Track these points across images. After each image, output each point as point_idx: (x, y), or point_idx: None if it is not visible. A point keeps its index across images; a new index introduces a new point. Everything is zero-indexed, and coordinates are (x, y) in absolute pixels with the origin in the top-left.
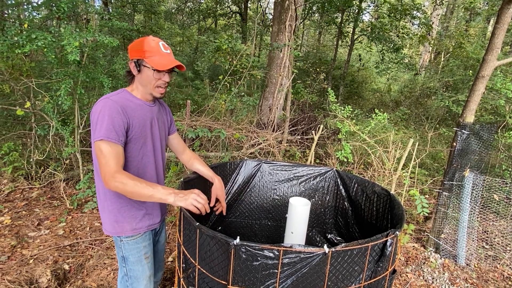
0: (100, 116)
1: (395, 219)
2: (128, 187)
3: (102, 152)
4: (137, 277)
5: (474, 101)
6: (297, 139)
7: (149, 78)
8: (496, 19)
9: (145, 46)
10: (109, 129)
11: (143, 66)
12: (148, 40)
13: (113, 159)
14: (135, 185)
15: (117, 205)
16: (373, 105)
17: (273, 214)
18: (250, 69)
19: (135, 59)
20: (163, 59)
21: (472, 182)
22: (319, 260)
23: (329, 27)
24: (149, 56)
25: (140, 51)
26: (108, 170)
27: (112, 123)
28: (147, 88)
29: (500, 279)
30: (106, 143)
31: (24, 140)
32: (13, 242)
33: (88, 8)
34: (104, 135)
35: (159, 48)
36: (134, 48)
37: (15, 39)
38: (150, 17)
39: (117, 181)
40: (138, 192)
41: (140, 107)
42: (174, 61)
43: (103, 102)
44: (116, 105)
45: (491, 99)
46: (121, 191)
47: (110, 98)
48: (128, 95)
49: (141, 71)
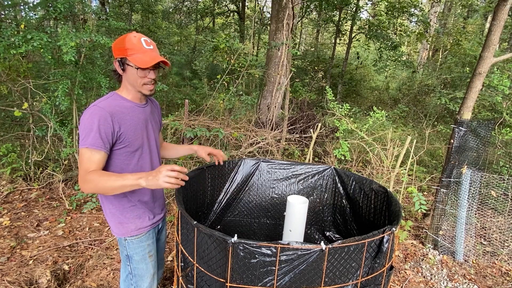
0: (87, 124)
1: (392, 216)
2: (100, 184)
3: (83, 159)
4: (142, 276)
5: (471, 98)
6: (296, 138)
7: (134, 76)
8: (493, 16)
9: (126, 44)
10: (96, 137)
11: (127, 64)
12: (130, 37)
13: (92, 164)
14: (105, 180)
15: (119, 208)
16: (372, 103)
17: (272, 213)
18: (248, 68)
19: (118, 58)
20: (146, 56)
21: (470, 178)
22: (316, 257)
23: (327, 25)
24: (131, 54)
25: (122, 49)
26: (82, 175)
27: (99, 131)
28: (135, 86)
29: (498, 274)
30: (89, 151)
31: (22, 141)
32: (12, 243)
33: (85, 8)
34: (90, 143)
35: (141, 44)
36: (116, 46)
37: (12, 40)
38: (147, 16)
39: (87, 181)
40: (110, 186)
41: (132, 110)
42: (157, 57)
43: (91, 110)
44: (104, 112)
45: (488, 96)
46: (94, 190)
47: (98, 105)
48: (118, 98)
49: (126, 70)
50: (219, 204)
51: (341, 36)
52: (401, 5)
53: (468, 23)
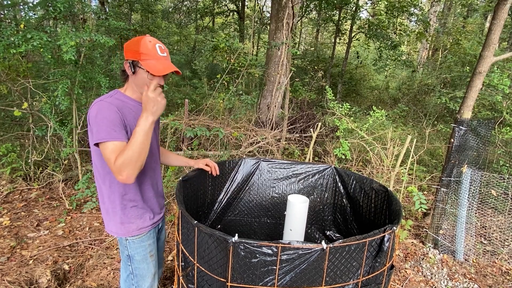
0: (97, 119)
1: (393, 215)
2: (132, 160)
3: (107, 152)
4: (143, 276)
5: (471, 97)
6: (296, 137)
7: (144, 80)
8: (493, 15)
9: (141, 48)
10: (110, 129)
11: (138, 67)
12: (145, 41)
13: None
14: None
15: (121, 207)
16: (372, 102)
17: (272, 212)
18: (248, 68)
19: (130, 60)
20: (159, 64)
21: (470, 178)
22: (317, 256)
23: (327, 25)
24: (145, 59)
25: (136, 53)
26: (113, 168)
27: (112, 122)
28: (141, 89)
29: (498, 273)
30: (110, 143)
31: (22, 141)
32: (12, 243)
33: (85, 8)
34: (106, 136)
35: (155, 51)
36: (129, 48)
37: (12, 40)
38: (147, 16)
39: (121, 170)
40: (138, 150)
41: (135, 109)
42: (171, 67)
43: (98, 105)
44: (112, 106)
45: (488, 95)
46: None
47: (104, 100)
48: (121, 96)
49: (136, 73)
50: (219, 204)
51: (341, 36)
52: (401, 4)
53: (468, 23)
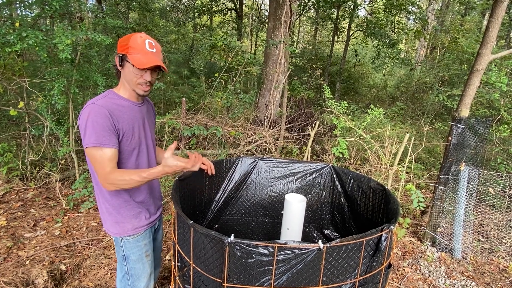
0: (88, 123)
1: (390, 214)
2: (125, 184)
3: (96, 158)
4: (138, 276)
5: (469, 95)
6: (294, 136)
7: (131, 74)
8: (491, 12)
9: (130, 42)
10: (99, 134)
11: (126, 61)
12: (136, 36)
13: (107, 162)
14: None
15: (116, 206)
16: (370, 100)
17: (270, 211)
18: (246, 66)
19: (120, 54)
20: (144, 58)
21: (468, 175)
22: (314, 256)
23: (325, 23)
24: (131, 53)
25: (125, 46)
26: (103, 174)
27: (102, 127)
28: (130, 84)
29: (496, 271)
30: (98, 149)
31: (18, 141)
32: (9, 243)
33: (81, 6)
34: (95, 141)
35: (143, 45)
36: (121, 42)
37: (7, 38)
38: (144, 14)
39: (110, 183)
40: (134, 184)
41: (129, 109)
42: (155, 61)
43: (89, 108)
44: (103, 109)
45: (486, 93)
46: (119, 188)
47: (96, 103)
48: (115, 96)
49: (123, 66)
50: (217, 203)
51: (339, 34)
52: (399, 2)
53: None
